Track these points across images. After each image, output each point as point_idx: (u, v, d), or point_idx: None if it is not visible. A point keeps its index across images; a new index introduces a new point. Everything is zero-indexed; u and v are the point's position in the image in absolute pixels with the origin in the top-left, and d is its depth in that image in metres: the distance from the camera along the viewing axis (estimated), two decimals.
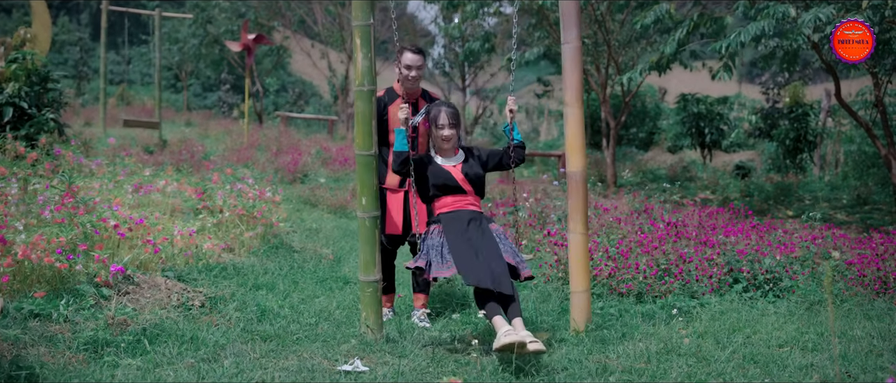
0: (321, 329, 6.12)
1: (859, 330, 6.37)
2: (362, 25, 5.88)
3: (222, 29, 31.73)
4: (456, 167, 6.08)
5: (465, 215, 5.95)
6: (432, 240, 5.86)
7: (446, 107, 6.13)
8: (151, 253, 7.43)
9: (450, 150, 6.13)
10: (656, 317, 6.78)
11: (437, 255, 5.79)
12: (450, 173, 6.02)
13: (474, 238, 5.81)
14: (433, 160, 6.10)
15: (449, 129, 6.05)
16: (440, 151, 6.13)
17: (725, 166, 25.42)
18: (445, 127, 6.05)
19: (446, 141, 6.07)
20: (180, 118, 31.35)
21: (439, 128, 6.06)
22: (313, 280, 8.04)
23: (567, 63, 6.33)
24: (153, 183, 10.55)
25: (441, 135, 6.06)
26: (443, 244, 5.82)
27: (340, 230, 11.69)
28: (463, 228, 5.85)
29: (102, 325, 5.63)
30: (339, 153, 19.70)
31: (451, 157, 6.13)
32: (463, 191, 6.03)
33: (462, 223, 5.88)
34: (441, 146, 6.10)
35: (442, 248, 5.81)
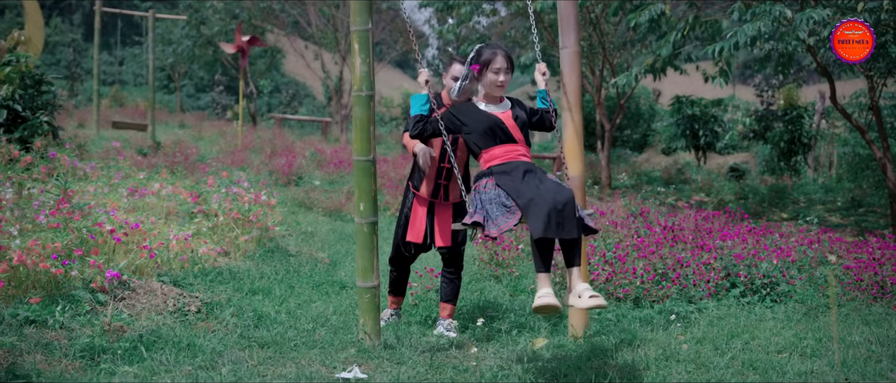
0: (318, 335, 6.09)
1: (857, 336, 6.36)
2: (361, 30, 5.84)
3: (216, 30, 31.67)
4: (505, 114, 5.58)
5: (520, 166, 5.36)
6: (487, 194, 5.26)
7: (502, 49, 5.61)
8: (147, 258, 7.39)
9: (498, 99, 5.65)
10: (654, 323, 6.77)
11: (497, 207, 5.17)
12: (499, 119, 5.52)
13: (532, 181, 5.22)
14: (477, 106, 5.62)
15: (505, 75, 5.54)
16: (489, 99, 5.63)
17: (719, 168, 25.42)
18: (502, 71, 5.53)
19: (500, 87, 5.57)
20: (174, 120, 31.30)
21: (495, 73, 5.52)
22: (309, 284, 8.01)
23: (565, 67, 6.31)
24: (148, 186, 10.52)
25: (497, 80, 5.53)
26: (499, 195, 5.22)
27: (336, 233, 11.66)
28: (519, 177, 5.26)
29: (99, 332, 5.60)
30: (333, 155, 19.66)
31: (498, 105, 5.65)
32: (514, 139, 5.50)
33: (518, 174, 5.29)
34: (493, 93, 5.59)
35: (500, 198, 5.20)
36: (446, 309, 6.67)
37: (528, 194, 5.06)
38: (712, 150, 24.04)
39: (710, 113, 22.95)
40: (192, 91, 48.66)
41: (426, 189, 6.47)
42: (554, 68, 22.87)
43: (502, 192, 5.21)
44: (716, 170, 24.98)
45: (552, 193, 5.02)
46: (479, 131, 5.48)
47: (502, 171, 5.33)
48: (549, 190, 5.06)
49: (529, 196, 5.04)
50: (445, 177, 6.46)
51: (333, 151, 20.65)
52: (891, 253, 8.12)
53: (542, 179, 5.27)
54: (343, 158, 18.98)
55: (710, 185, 19.61)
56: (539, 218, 4.90)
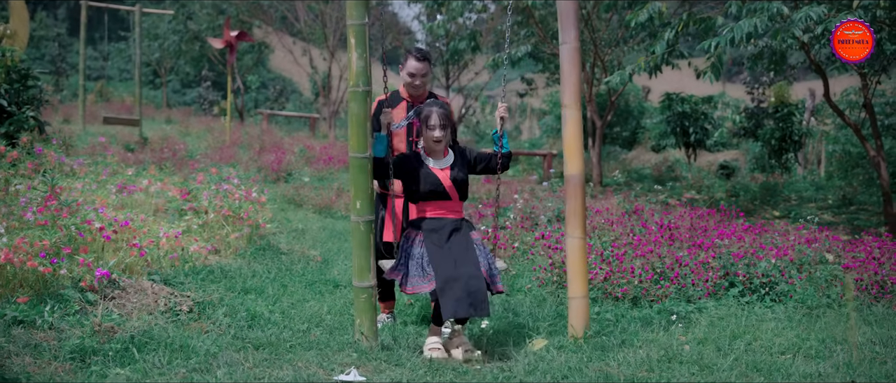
0: (314, 336, 5.96)
1: (860, 337, 6.25)
2: (357, 25, 5.73)
3: (203, 25, 31.45)
4: (444, 172, 5.95)
5: (448, 224, 5.88)
6: (412, 250, 5.82)
7: (437, 108, 5.96)
8: (137, 256, 7.25)
9: (440, 152, 5.99)
10: (654, 323, 6.67)
11: (417, 268, 5.76)
12: (438, 179, 5.91)
13: (455, 250, 5.75)
14: (423, 163, 5.96)
15: (440, 131, 5.90)
16: (431, 153, 5.99)
17: (710, 166, 25.38)
18: (437, 128, 5.90)
19: (437, 142, 5.93)
20: (160, 115, 31.04)
21: (430, 129, 5.91)
22: (302, 283, 7.88)
23: (565, 64, 6.20)
24: (136, 183, 10.37)
25: (432, 136, 5.91)
26: (423, 255, 5.77)
27: (327, 231, 11.53)
28: (444, 239, 5.80)
29: (89, 332, 5.45)
30: (322, 151, 19.53)
31: (441, 160, 6.00)
32: (449, 197, 5.94)
33: (444, 234, 5.83)
34: (432, 147, 5.96)
35: (422, 260, 5.76)
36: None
37: (444, 273, 5.59)
38: (702, 148, 23.96)
39: (700, 110, 22.87)
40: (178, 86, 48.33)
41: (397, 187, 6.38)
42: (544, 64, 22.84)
43: (426, 255, 5.75)
44: (706, 168, 24.95)
45: (466, 277, 5.56)
46: (421, 190, 5.91)
47: (431, 229, 5.86)
48: (464, 273, 5.59)
49: (445, 276, 5.57)
50: None
51: (322, 148, 20.51)
52: (890, 252, 8.03)
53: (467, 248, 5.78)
54: (332, 155, 18.85)
55: (701, 183, 19.54)
56: (450, 301, 5.49)
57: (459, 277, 5.55)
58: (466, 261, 5.67)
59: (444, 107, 6.03)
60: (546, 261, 8.01)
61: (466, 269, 5.61)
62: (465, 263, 5.65)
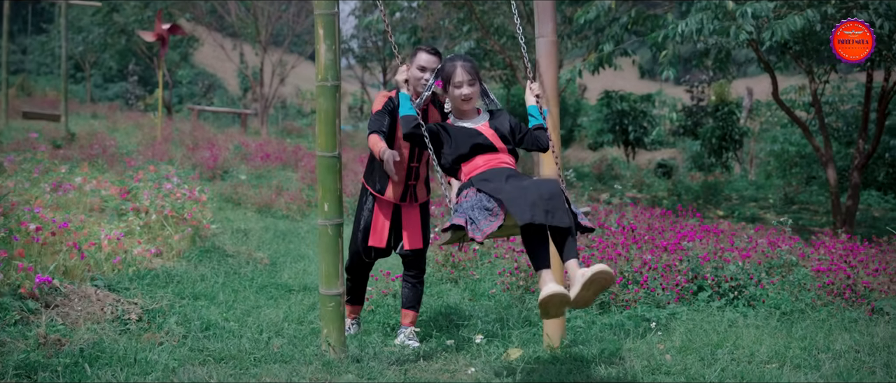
0: (276, 346, 5.57)
1: (841, 345, 6.06)
2: (326, 14, 5.35)
3: (131, 18, 30.63)
4: (483, 125, 5.19)
5: (502, 172, 4.95)
6: (468, 202, 4.79)
7: (462, 61, 5.22)
8: (78, 259, 6.79)
9: (471, 112, 5.27)
10: (628, 330, 6.40)
11: (478, 212, 4.68)
12: (476, 130, 5.13)
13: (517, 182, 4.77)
14: (452, 124, 5.22)
15: (469, 87, 5.15)
16: (460, 115, 5.26)
17: (648, 164, 25.35)
18: (464, 84, 5.14)
19: (466, 101, 5.18)
20: (86, 110, 30.15)
21: (456, 87, 5.15)
22: (253, 288, 7.49)
23: (542, 59, 5.90)
24: (70, 180, 9.85)
25: (460, 94, 5.15)
26: (480, 200, 4.74)
27: (270, 231, 11.11)
28: (502, 181, 4.81)
29: (33, 345, 5.02)
30: (258, 149, 19.01)
31: (475, 119, 5.26)
32: (495, 148, 5.10)
33: (501, 178, 4.86)
34: (461, 107, 5.22)
35: (481, 203, 4.72)
36: (408, 317, 6.19)
37: (509, 190, 4.63)
38: (641, 146, 23.93)
39: (639, 108, 22.81)
40: (100, 81, 47.13)
41: (393, 192, 6.00)
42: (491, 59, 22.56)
43: (484, 196, 4.76)
44: (644, 166, 24.90)
45: (536, 186, 4.62)
46: (460, 149, 5.07)
47: (483, 179, 4.90)
48: (534, 183, 4.66)
49: (510, 190, 4.62)
50: (414, 178, 6.00)
51: (258, 145, 19.98)
52: (863, 255, 7.89)
53: (527, 179, 4.83)
54: (269, 152, 18.37)
55: (642, 182, 19.45)
56: (523, 206, 4.47)
57: (528, 187, 4.59)
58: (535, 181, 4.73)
59: (468, 59, 5.32)
60: (511, 264, 7.69)
61: (538, 182, 4.69)
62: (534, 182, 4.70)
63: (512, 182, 4.78)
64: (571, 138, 29.71)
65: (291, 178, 15.86)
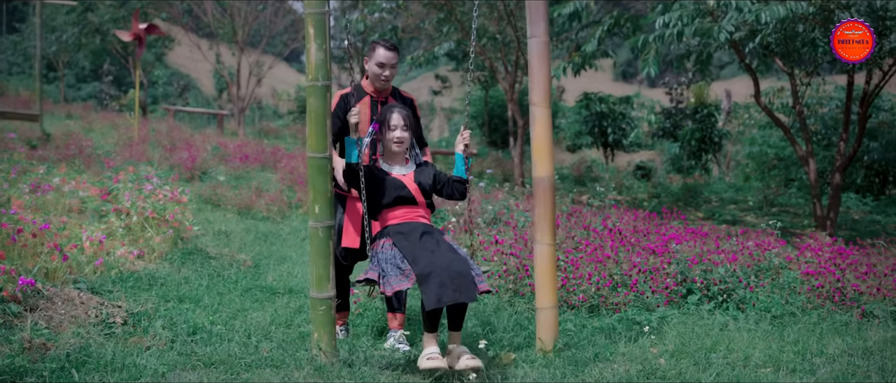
0: (265, 351, 5.48)
1: (834, 348, 6.01)
2: (316, 14, 5.26)
3: (106, 17, 30.34)
4: (408, 176, 5.59)
5: (417, 228, 5.45)
6: (383, 254, 5.32)
7: (399, 108, 5.62)
8: (59, 261, 6.66)
9: (400, 156, 5.64)
10: (619, 333, 6.34)
11: (392, 268, 5.22)
12: (403, 183, 5.55)
13: (429, 245, 5.27)
14: (383, 170, 5.59)
15: (402, 131, 5.54)
16: (390, 157, 5.64)
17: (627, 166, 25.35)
18: (398, 128, 5.54)
19: (399, 143, 5.56)
20: (60, 110, 29.81)
21: (391, 129, 5.54)
22: (237, 291, 7.39)
23: (534, 59, 5.83)
24: (48, 181, 9.70)
25: (394, 136, 5.53)
26: (395, 256, 5.26)
27: (251, 233, 11.00)
28: (416, 239, 5.32)
29: (18, 349, 4.91)
30: (236, 150, 18.87)
31: (402, 166, 5.65)
32: (415, 201, 5.57)
33: (415, 235, 5.37)
34: (392, 150, 5.59)
35: (395, 260, 5.24)
36: (396, 320, 6.11)
37: (423, 261, 5.12)
38: (619, 148, 23.91)
39: (618, 110, 22.80)
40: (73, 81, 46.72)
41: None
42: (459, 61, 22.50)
43: (398, 254, 5.28)
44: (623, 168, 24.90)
45: (447, 262, 5.10)
46: (386, 196, 5.53)
47: (399, 232, 5.41)
48: (444, 258, 5.14)
49: (424, 264, 5.10)
50: None
51: (236, 146, 19.84)
52: (853, 258, 7.86)
53: (439, 242, 5.34)
54: (247, 153, 18.23)
55: (622, 184, 19.44)
56: (433, 288, 5.00)
57: (439, 264, 5.07)
58: (444, 250, 5.23)
59: (405, 108, 5.66)
60: (499, 266, 7.61)
61: (447, 256, 5.16)
62: (443, 253, 5.20)
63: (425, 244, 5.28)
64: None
65: (270, 180, 15.74)
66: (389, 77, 6.01)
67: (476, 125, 28.79)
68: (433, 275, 5.00)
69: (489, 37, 18.40)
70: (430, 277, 5.01)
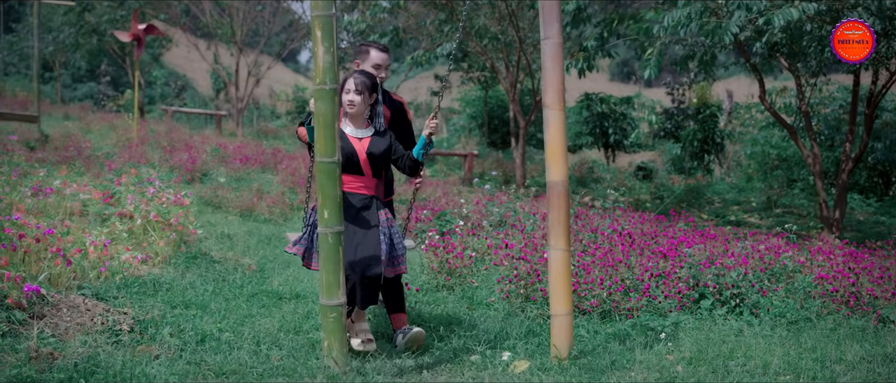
0: (276, 359, 5.37)
1: (853, 355, 5.92)
2: (323, 15, 5.15)
3: (104, 18, 30.19)
4: (362, 142, 5.75)
5: (356, 200, 5.69)
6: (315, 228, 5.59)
7: (357, 74, 5.77)
8: (63, 267, 6.54)
9: (359, 119, 5.79)
10: (633, 340, 6.24)
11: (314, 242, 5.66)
12: (354, 149, 5.71)
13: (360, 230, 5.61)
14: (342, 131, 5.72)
15: (355, 94, 5.67)
16: (350, 118, 5.78)
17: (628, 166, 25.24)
18: (351, 91, 5.68)
19: (351, 106, 5.69)
20: (57, 111, 29.68)
21: (346, 92, 5.69)
22: (243, 296, 7.27)
23: (547, 61, 5.72)
24: (49, 184, 9.58)
25: (346, 99, 5.68)
26: None
27: (253, 235, 10.87)
28: (352, 217, 5.61)
29: (24, 359, 4.80)
30: (236, 151, 18.74)
31: (361, 129, 5.80)
32: (361, 172, 5.73)
33: (352, 210, 5.62)
34: (347, 110, 5.73)
35: None
36: (400, 320, 6.02)
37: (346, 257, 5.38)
38: (620, 149, 23.80)
39: (619, 111, 22.68)
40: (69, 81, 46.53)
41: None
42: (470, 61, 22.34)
43: None
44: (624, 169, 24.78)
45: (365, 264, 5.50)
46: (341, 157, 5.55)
47: None
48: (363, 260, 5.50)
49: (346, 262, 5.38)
50: None
51: (236, 147, 19.70)
52: (867, 262, 7.77)
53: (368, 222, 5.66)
54: (248, 155, 18.09)
55: (624, 185, 19.33)
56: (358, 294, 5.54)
57: (357, 265, 5.48)
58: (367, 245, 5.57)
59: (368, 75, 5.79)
60: (510, 271, 7.49)
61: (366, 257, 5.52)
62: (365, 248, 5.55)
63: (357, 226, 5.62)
64: None
65: (271, 181, 15.62)
66: (384, 79, 6.04)
67: (476, 125, 28.64)
68: (350, 279, 5.45)
69: (490, 37, 18.30)
70: (349, 280, 5.44)
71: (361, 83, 5.68)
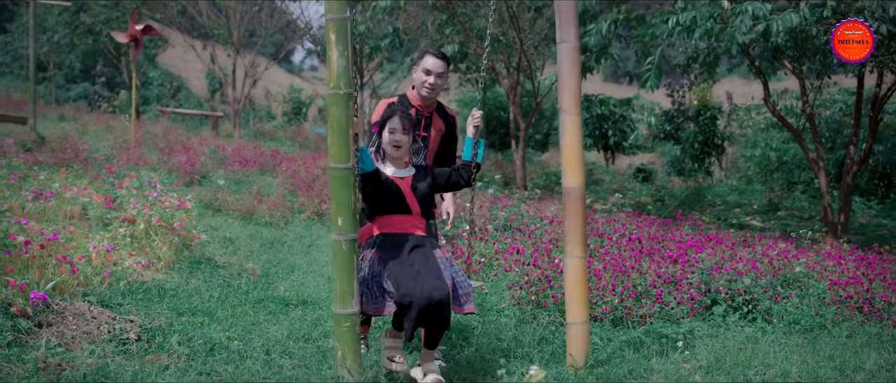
0: (287, 369, 5.27)
1: (872, 364, 5.83)
2: (337, 19, 5.04)
3: (101, 18, 30.04)
4: (405, 180, 5.45)
5: (409, 240, 5.34)
6: (370, 269, 5.22)
7: (401, 112, 5.46)
8: (68, 273, 6.41)
9: (400, 160, 5.49)
10: (647, 347, 6.15)
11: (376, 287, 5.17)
12: (399, 190, 5.40)
13: (417, 263, 5.16)
14: (382, 171, 5.41)
15: (402, 134, 5.38)
16: (390, 159, 5.48)
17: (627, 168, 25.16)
18: (397, 131, 5.39)
19: (396, 147, 5.41)
20: (52, 112, 29.54)
21: (391, 132, 5.40)
22: (249, 302, 7.16)
23: (563, 65, 5.63)
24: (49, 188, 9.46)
25: (392, 140, 5.40)
26: (380, 274, 5.16)
27: (256, 239, 10.75)
28: (405, 255, 5.23)
29: (32, 370, 4.69)
30: (235, 153, 18.62)
31: (402, 169, 5.49)
32: (409, 210, 5.41)
33: (404, 250, 5.26)
34: (391, 153, 5.45)
35: (378, 279, 5.16)
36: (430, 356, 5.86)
37: (404, 287, 4.99)
38: (620, 151, 23.72)
39: (618, 113, 22.60)
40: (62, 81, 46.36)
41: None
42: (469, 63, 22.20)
43: (384, 273, 5.18)
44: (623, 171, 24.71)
45: (429, 290, 4.95)
46: (381, 199, 5.39)
47: (389, 246, 5.30)
48: (427, 285, 4.99)
49: (405, 290, 4.98)
50: None
51: (234, 149, 19.58)
52: (882, 267, 7.68)
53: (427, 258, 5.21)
54: (246, 157, 17.97)
55: (624, 187, 19.25)
56: (410, 321, 4.96)
57: (419, 293, 4.96)
58: (428, 271, 5.10)
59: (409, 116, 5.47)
60: (520, 277, 7.39)
61: (430, 282, 5.02)
62: (427, 275, 5.07)
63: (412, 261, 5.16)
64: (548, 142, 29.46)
65: (271, 184, 15.49)
66: (434, 85, 5.81)
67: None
68: (412, 306, 4.93)
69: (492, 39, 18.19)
70: (410, 309, 4.94)
71: (408, 123, 5.43)
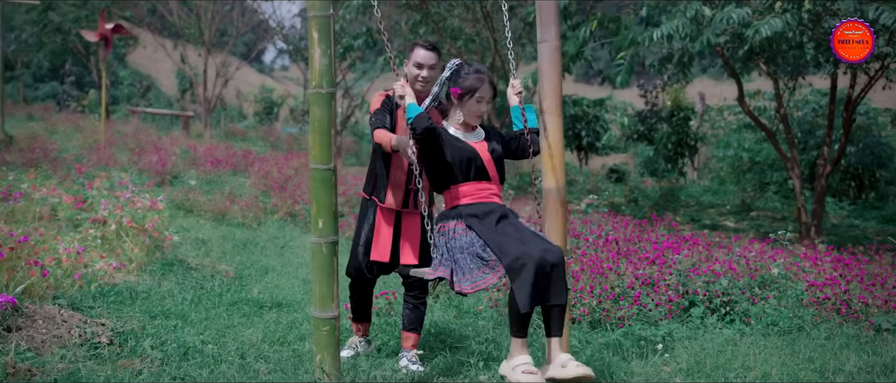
0: (263, 372, 5.18)
1: (851, 365, 5.80)
2: (320, 16, 4.96)
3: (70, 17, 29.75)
4: (481, 145, 5.01)
5: (494, 210, 4.82)
6: (456, 241, 4.70)
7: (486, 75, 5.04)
8: (38, 276, 6.28)
9: (472, 127, 5.10)
10: (626, 350, 6.09)
11: (470, 258, 4.60)
12: (476, 151, 4.94)
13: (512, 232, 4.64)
14: (451, 134, 4.99)
15: (488, 104, 5.02)
16: (464, 127, 5.07)
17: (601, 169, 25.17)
18: (485, 99, 4.98)
19: (478, 116, 5.04)
20: (20, 111, 29.20)
21: (479, 102, 4.98)
22: (223, 305, 7.06)
23: (544, 64, 5.54)
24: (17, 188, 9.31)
25: (479, 110, 5.00)
26: (473, 242, 4.63)
27: (228, 240, 10.64)
28: (493, 224, 4.70)
29: (1, 375, 4.58)
30: (206, 153, 18.46)
31: (472, 133, 5.08)
32: (488, 176, 4.96)
33: (492, 219, 4.74)
34: (472, 122, 5.05)
35: (474, 247, 4.61)
36: (410, 340, 5.80)
37: (512, 250, 4.42)
38: (593, 151, 23.73)
39: (592, 113, 22.61)
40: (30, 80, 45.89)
41: (393, 198, 5.63)
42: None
43: (477, 241, 4.61)
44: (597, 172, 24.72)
45: (540, 252, 4.40)
46: (455, 163, 4.88)
47: (473, 214, 4.74)
48: (536, 247, 4.45)
49: (515, 254, 4.39)
50: (416, 182, 5.61)
51: (206, 149, 19.43)
52: (859, 269, 7.68)
53: (520, 228, 4.71)
54: (218, 157, 17.82)
55: (597, 187, 19.25)
56: (526, 285, 4.32)
57: (533, 254, 4.37)
58: (532, 237, 4.60)
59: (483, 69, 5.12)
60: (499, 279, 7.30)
61: (539, 243, 4.50)
62: (533, 240, 4.54)
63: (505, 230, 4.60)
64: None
65: (244, 184, 15.37)
66: (427, 78, 5.65)
67: None
68: (526, 269, 4.33)
69: (466, 38, 18.15)
70: (523, 272, 4.34)
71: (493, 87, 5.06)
